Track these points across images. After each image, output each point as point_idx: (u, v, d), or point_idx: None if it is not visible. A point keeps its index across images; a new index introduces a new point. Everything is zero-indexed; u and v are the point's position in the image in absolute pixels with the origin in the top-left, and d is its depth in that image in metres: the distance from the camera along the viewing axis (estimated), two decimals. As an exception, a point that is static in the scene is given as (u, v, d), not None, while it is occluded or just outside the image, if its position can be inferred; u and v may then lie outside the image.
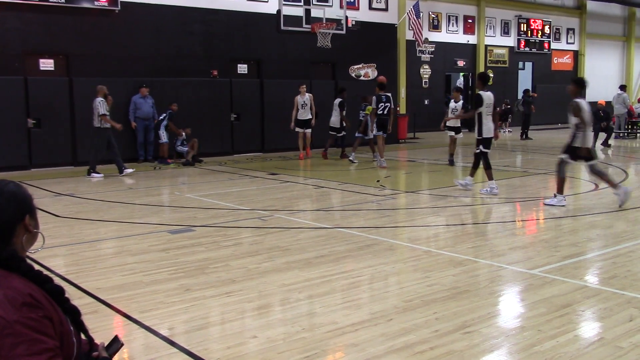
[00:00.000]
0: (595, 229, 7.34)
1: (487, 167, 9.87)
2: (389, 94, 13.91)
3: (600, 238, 6.96)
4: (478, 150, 9.92)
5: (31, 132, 13.87)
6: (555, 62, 29.10)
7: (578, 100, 8.64)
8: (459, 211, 8.73)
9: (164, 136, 14.60)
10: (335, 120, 15.45)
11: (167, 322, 4.35)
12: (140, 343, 4.00)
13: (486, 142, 9.91)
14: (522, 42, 27.20)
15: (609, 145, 18.29)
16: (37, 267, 1.78)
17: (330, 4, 18.40)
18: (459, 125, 14.14)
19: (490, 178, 9.82)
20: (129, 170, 12.69)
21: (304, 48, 18.26)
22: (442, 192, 10.19)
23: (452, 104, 14.15)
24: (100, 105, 12.12)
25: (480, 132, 9.90)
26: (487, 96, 9.81)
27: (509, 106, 25.23)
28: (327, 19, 17.73)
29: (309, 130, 15.57)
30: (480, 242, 6.72)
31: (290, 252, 6.30)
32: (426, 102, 23.45)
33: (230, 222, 7.88)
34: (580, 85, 8.88)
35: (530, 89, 22.74)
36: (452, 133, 13.98)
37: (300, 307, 4.65)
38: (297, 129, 15.46)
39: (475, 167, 10.13)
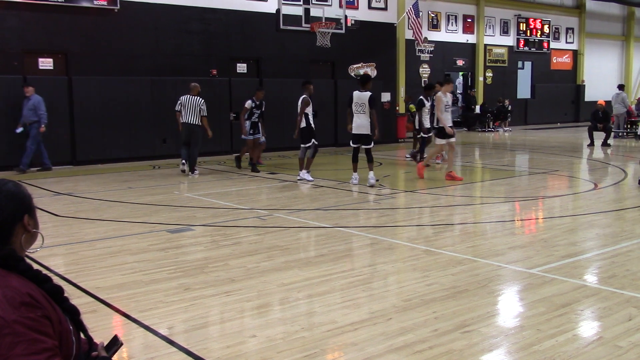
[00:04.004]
0: (594, 228, 7.34)
1: (354, 160, 10.85)
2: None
3: (599, 237, 6.96)
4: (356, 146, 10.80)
5: (30, 131, 13.85)
6: (555, 61, 29.10)
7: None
8: (458, 210, 8.74)
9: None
10: (421, 120, 13.79)
11: (167, 321, 4.35)
12: (139, 342, 4.00)
13: (352, 137, 10.82)
14: (522, 41, 27.20)
15: (608, 145, 18.30)
16: (36, 266, 1.77)
17: (330, 3, 18.39)
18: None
19: (371, 169, 10.62)
20: (196, 173, 12.37)
21: (303, 47, 18.26)
22: (442, 192, 10.19)
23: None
24: (202, 106, 12.18)
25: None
26: (358, 96, 10.54)
27: (509, 106, 25.26)
28: (327, 18, 17.72)
29: (453, 140, 11.89)
30: (479, 242, 6.72)
31: (290, 251, 6.30)
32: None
33: (230, 222, 7.88)
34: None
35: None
36: None
37: (300, 307, 4.65)
38: (439, 139, 11.75)
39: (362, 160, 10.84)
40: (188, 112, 12.21)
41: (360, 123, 10.58)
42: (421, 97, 13.70)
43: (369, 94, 10.51)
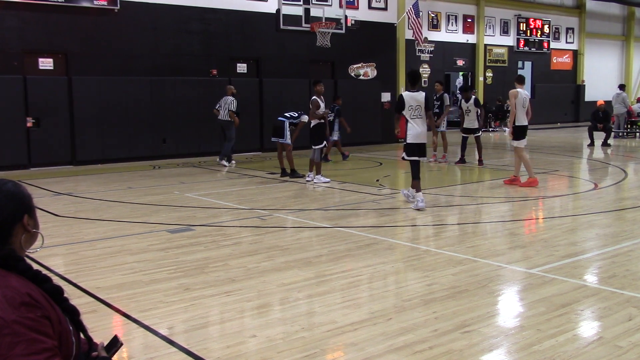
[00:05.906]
0: (594, 228, 7.34)
1: (415, 177, 8.75)
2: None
3: (599, 237, 6.96)
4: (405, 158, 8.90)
5: (30, 131, 13.86)
6: (555, 61, 29.11)
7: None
8: (458, 210, 8.73)
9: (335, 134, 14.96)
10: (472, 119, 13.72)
11: (167, 321, 4.35)
12: (139, 342, 4.00)
13: (409, 149, 8.78)
14: (522, 41, 27.20)
15: (608, 145, 18.30)
16: (36, 266, 1.77)
17: (330, 3, 18.39)
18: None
19: (417, 189, 8.70)
20: (233, 162, 14.37)
21: (303, 47, 18.26)
22: (441, 192, 10.19)
23: None
24: (232, 103, 13.97)
25: (405, 137, 8.86)
26: (412, 97, 8.65)
27: (508, 106, 25.25)
28: (327, 18, 17.73)
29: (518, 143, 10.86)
30: (479, 242, 6.71)
31: (290, 251, 6.30)
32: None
33: (230, 222, 7.88)
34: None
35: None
36: None
37: (300, 307, 4.65)
38: (514, 142, 10.80)
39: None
40: (222, 110, 14.09)
41: (420, 131, 8.67)
42: (461, 98, 14.04)
43: (423, 93, 8.78)
